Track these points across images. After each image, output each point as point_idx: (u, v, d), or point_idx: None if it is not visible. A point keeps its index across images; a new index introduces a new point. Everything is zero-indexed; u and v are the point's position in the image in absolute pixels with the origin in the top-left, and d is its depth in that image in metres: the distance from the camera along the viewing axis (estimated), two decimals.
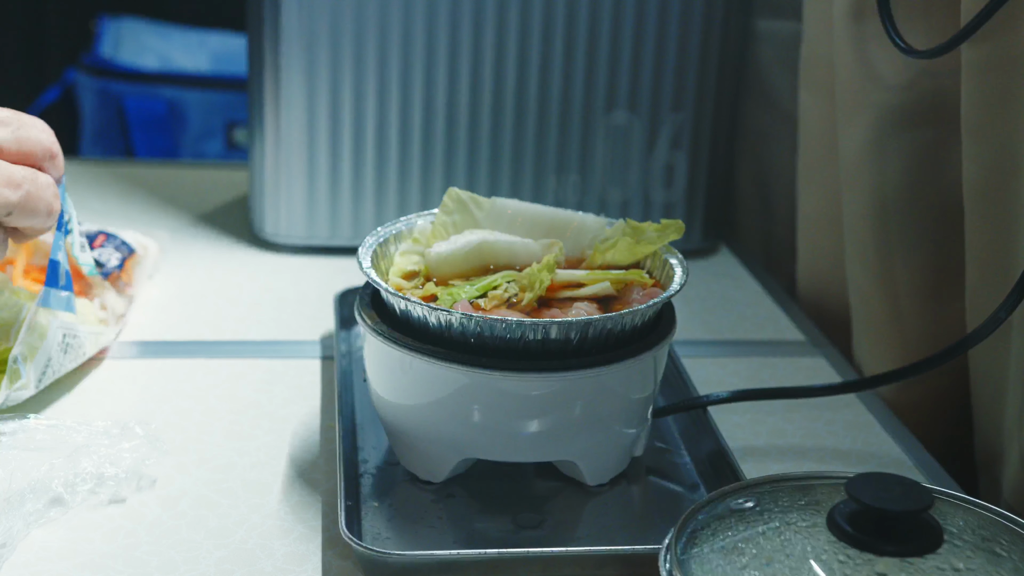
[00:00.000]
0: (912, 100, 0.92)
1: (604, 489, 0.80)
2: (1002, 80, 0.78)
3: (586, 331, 0.72)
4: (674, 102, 1.18)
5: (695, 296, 1.13)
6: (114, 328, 0.94)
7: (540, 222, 0.84)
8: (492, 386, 0.73)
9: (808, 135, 1.12)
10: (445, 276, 0.81)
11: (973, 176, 0.82)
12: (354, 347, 0.97)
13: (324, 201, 1.18)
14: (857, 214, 0.98)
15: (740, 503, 0.62)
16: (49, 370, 0.86)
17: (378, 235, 0.83)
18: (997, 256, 0.82)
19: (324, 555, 0.72)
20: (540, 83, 1.16)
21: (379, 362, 0.77)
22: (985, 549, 0.58)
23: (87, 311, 0.92)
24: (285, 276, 1.15)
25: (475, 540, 0.74)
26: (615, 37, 1.15)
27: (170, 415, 0.88)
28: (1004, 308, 0.77)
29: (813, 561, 0.57)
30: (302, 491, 0.79)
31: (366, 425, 0.86)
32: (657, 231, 0.82)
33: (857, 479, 0.57)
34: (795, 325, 1.09)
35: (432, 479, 0.78)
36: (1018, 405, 0.81)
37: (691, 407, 0.86)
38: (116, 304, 0.97)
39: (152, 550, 0.72)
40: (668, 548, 0.59)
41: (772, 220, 1.29)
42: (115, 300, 0.97)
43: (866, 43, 0.94)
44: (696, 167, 1.21)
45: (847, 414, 0.92)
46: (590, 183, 1.20)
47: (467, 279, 0.80)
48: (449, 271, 0.81)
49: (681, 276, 0.79)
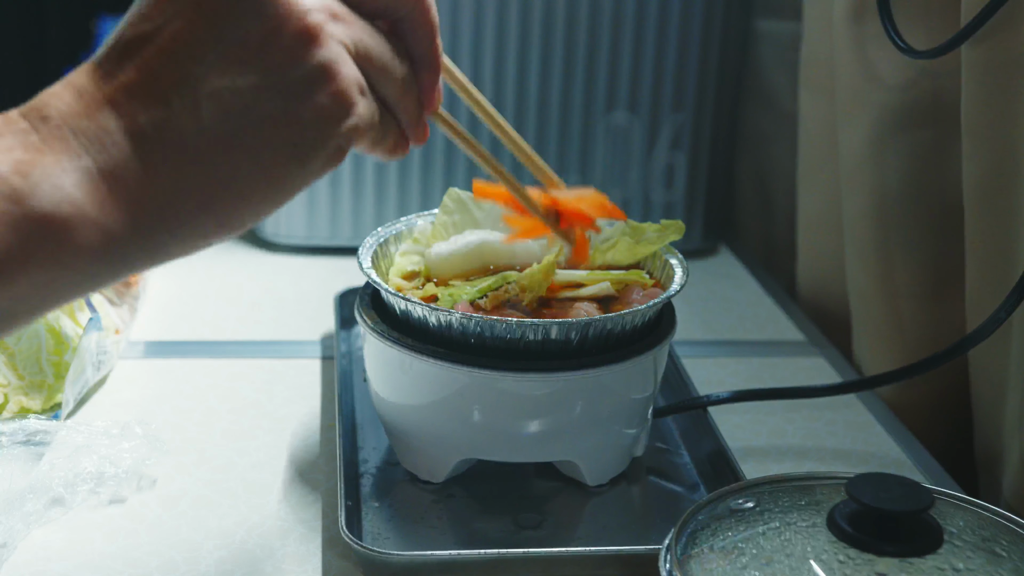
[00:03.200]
0: (912, 100, 0.92)
1: (604, 489, 0.80)
2: (1002, 80, 0.78)
3: (586, 331, 0.72)
4: (674, 103, 1.18)
5: (695, 296, 1.13)
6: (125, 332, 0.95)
7: None
8: (492, 386, 0.73)
9: (808, 135, 1.12)
10: (445, 276, 0.81)
11: (973, 176, 0.82)
12: (354, 347, 0.97)
13: (324, 201, 1.18)
14: (857, 214, 0.98)
15: (740, 503, 0.62)
16: (84, 387, 0.87)
17: (378, 235, 0.83)
18: (997, 256, 0.82)
19: (324, 555, 0.72)
20: (540, 83, 1.16)
21: (379, 362, 0.77)
22: (985, 549, 0.58)
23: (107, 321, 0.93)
24: (285, 276, 1.15)
25: (475, 540, 0.74)
26: (615, 38, 1.15)
27: (170, 415, 0.88)
28: (1004, 308, 0.77)
29: (813, 561, 0.57)
30: (302, 491, 0.79)
31: (366, 425, 0.86)
32: (657, 232, 0.82)
33: (857, 479, 0.57)
34: (795, 325, 1.09)
35: (432, 479, 0.78)
36: (1018, 405, 0.81)
37: (691, 407, 0.86)
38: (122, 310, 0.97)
39: (152, 550, 0.72)
40: (668, 548, 0.59)
41: (772, 220, 1.29)
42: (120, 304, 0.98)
43: (866, 43, 0.94)
44: (696, 167, 1.21)
45: (847, 414, 0.92)
46: (590, 183, 1.20)
47: (467, 279, 0.80)
48: (449, 271, 0.81)
49: (681, 276, 0.79)
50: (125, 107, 0.49)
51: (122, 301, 0.97)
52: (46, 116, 0.48)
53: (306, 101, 0.51)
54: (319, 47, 0.50)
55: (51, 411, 0.86)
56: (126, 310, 0.97)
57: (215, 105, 0.49)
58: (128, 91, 0.49)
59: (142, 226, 0.49)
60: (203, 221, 0.51)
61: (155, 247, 0.50)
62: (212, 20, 0.49)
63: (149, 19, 0.50)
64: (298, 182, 0.52)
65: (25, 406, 0.85)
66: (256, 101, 0.50)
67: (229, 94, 0.49)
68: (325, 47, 0.51)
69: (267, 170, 0.51)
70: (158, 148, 0.49)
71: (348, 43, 0.52)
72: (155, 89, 0.49)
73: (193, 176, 0.50)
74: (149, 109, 0.49)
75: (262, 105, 0.50)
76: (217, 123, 0.50)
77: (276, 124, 0.50)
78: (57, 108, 0.49)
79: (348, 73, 0.52)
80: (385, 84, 0.55)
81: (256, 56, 0.50)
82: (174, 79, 0.49)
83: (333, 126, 0.52)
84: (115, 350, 0.91)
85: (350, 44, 0.52)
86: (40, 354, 0.87)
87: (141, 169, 0.49)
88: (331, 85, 0.51)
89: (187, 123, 0.49)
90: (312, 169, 0.52)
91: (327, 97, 0.51)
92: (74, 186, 0.47)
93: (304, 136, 0.51)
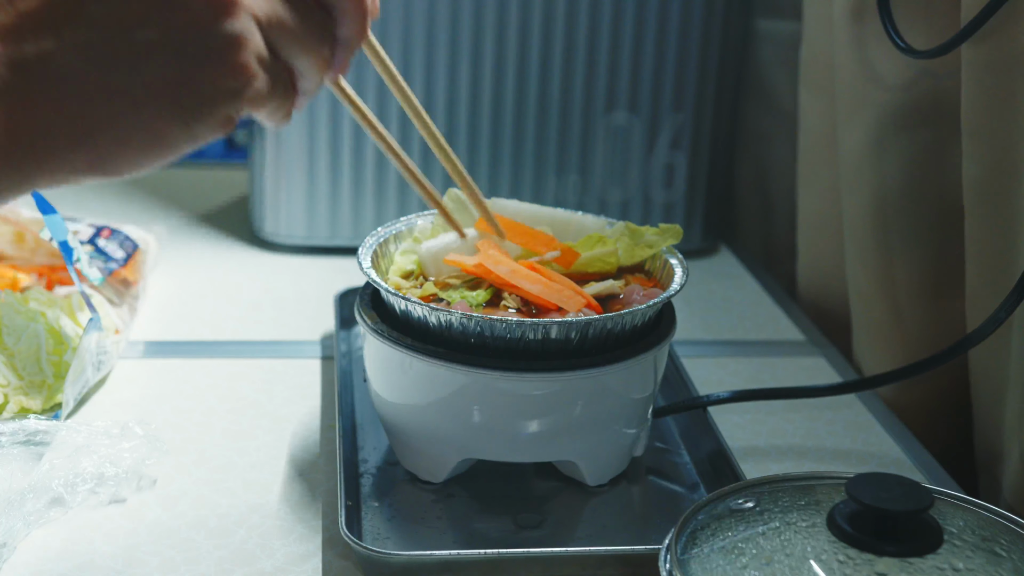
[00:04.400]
0: (912, 100, 0.92)
1: (604, 489, 0.80)
2: (1002, 80, 0.78)
3: (586, 331, 0.73)
4: (674, 102, 1.18)
5: (695, 296, 1.13)
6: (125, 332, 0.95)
7: (540, 222, 0.85)
8: (492, 386, 0.73)
9: (808, 135, 1.12)
10: (438, 272, 0.81)
11: (973, 176, 0.82)
12: (354, 347, 0.97)
13: (324, 201, 1.18)
14: (857, 214, 0.98)
15: (740, 503, 0.62)
16: (84, 387, 0.87)
17: (378, 235, 0.83)
18: (997, 256, 0.82)
19: (324, 555, 0.72)
20: (540, 83, 1.16)
21: (379, 362, 0.77)
22: (985, 549, 0.58)
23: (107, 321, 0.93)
24: (285, 276, 1.15)
25: (475, 540, 0.74)
26: (615, 37, 1.15)
27: (170, 415, 0.88)
28: (1004, 308, 0.77)
29: (813, 561, 0.57)
30: (302, 491, 0.79)
31: (366, 425, 0.86)
32: (656, 235, 0.82)
33: (857, 479, 0.57)
34: (795, 325, 1.09)
35: (432, 479, 0.78)
36: (1018, 405, 0.81)
37: (691, 407, 0.86)
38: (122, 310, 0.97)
39: (152, 550, 0.72)
40: (668, 548, 0.59)
41: (772, 220, 1.29)
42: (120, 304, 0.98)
43: (866, 43, 0.94)
44: (696, 167, 1.21)
45: (847, 414, 0.92)
46: (590, 183, 1.20)
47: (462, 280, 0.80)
48: (440, 267, 0.81)
49: (681, 276, 0.79)
50: (12, 35, 0.48)
51: (122, 301, 0.98)
52: None
53: (203, 68, 0.50)
54: (229, 18, 0.49)
55: (51, 411, 0.86)
56: (126, 310, 0.97)
57: (106, 49, 0.48)
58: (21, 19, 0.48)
59: (12, 155, 0.48)
60: (73, 158, 0.50)
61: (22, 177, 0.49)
62: None
63: None
64: (181, 142, 0.51)
65: (25, 406, 0.85)
66: (150, 56, 0.49)
67: (123, 42, 0.48)
68: (236, 18, 0.50)
69: (148, 123, 0.50)
70: (38, 80, 0.48)
71: (260, 15, 0.51)
72: (48, 20, 0.48)
73: (69, 113, 0.49)
74: (38, 40, 0.48)
75: (155, 61, 0.49)
76: (104, 67, 0.49)
77: (166, 82, 0.49)
78: None
79: (253, 47, 0.51)
80: (294, 55, 0.54)
81: (161, 12, 0.48)
82: (71, 16, 0.48)
83: (227, 97, 0.51)
84: (115, 350, 0.91)
85: (262, 16, 0.51)
86: (40, 354, 0.87)
87: (17, 98, 0.48)
88: (233, 57, 0.50)
89: (73, 60, 0.48)
90: (197, 132, 0.51)
91: (226, 69, 0.50)
92: None
93: (193, 100, 0.50)
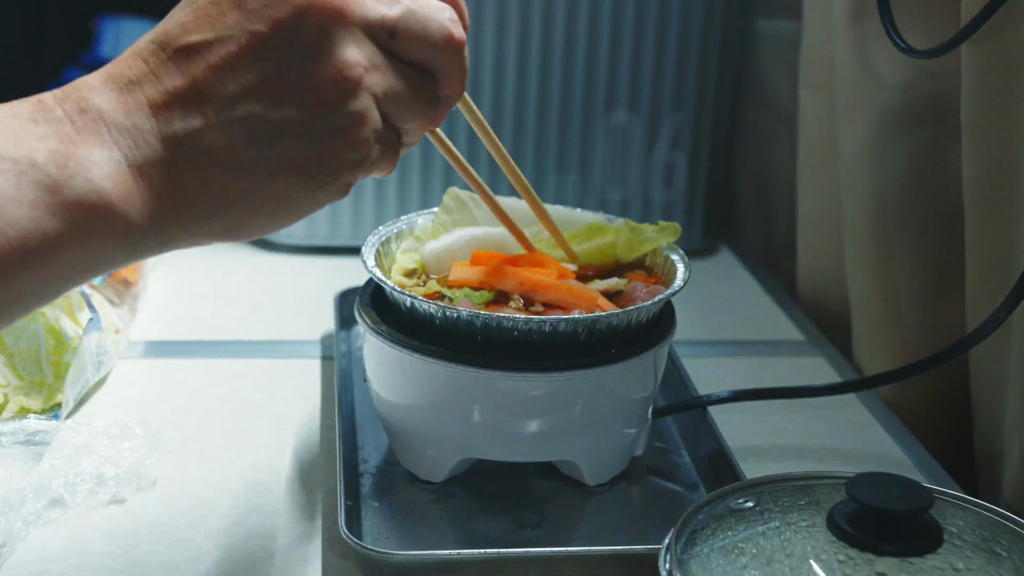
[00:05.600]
0: (912, 100, 0.92)
1: (604, 489, 0.80)
2: (1002, 80, 0.78)
3: (594, 327, 0.72)
4: (674, 102, 1.18)
5: (695, 296, 1.13)
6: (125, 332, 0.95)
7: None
8: (492, 386, 0.73)
9: (808, 135, 1.12)
10: (441, 272, 0.81)
11: (973, 176, 0.82)
12: (354, 347, 0.97)
13: None
14: (857, 214, 0.98)
15: (740, 503, 0.62)
16: (84, 387, 0.87)
17: (380, 234, 0.83)
18: (997, 256, 0.82)
19: (324, 555, 0.72)
20: (540, 83, 1.16)
21: (379, 362, 0.77)
22: (985, 549, 0.58)
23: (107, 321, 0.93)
24: (285, 276, 1.15)
25: (475, 540, 0.74)
26: (615, 37, 1.15)
27: (170, 415, 0.88)
28: (1004, 308, 0.77)
29: (813, 561, 0.57)
30: (302, 491, 0.79)
31: (366, 425, 0.86)
32: (655, 232, 0.82)
33: (857, 479, 0.57)
34: (795, 325, 1.09)
35: (432, 479, 0.78)
36: (1018, 405, 0.81)
37: (691, 407, 0.86)
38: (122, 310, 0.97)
39: (152, 550, 0.72)
40: (668, 548, 0.59)
41: (772, 220, 1.29)
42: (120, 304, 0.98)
43: (866, 43, 0.94)
44: (696, 167, 1.21)
45: (847, 414, 0.92)
46: (590, 183, 1.20)
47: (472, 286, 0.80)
48: (444, 267, 0.81)
49: (684, 273, 0.79)
50: (163, 112, 0.52)
51: (122, 301, 0.97)
52: (84, 109, 0.52)
53: (331, 144, 0.54)
54: (354, 98, 0.54)
55: (51, 411, 0.86)
56: (126, 310, 0.97)
57: (247, 128, 0.53)
58: (170, 97, 0.52)
59: (159, 221, 0.53)
60: (212, 224, 0.55)
61: (166, 239, 0.54)
62: (264, 50, 0.53)
63: (206, 29, 0.53)
64: (306, 207, 0.56)
65: (25, 406, 0.85)
66: (284, 133, 0.53)
67: (262, 121, 0.53)
68: (359, 99, 0.54)
69: (280, 193, 0.55)
70: (186, 154, 0.53)
71: (379, 92, 0.55)
72: (196, 102, 0.53)
73: (212, 184, 0.53)
74: (186, 119, 0.53)
75: (289, 138, 0.54)
76: (245, 144, 0.53)
77: (297, 157, 0.54)
78: (95, 103, 0.52)
79: (372, 123, 0.55)
80: (403, 121, 0.58)
81: (295, 94, 0.53)
82: (216, 96, 0.53)
83: (349, 168, 0.56)
84: (115, 350, 0.91)
85: (379, 93, 0.56)
86: (40, 354, 0.87)
87: (166, 170, 0.52)
88: (356, 134, 0.55)
89: (218, 138, 0.53)
90: (320, 199, 0.56)
91: (350, 144, 0.55)
92: (103, 178, 0.51)
93: (321, 172, 0.55)
